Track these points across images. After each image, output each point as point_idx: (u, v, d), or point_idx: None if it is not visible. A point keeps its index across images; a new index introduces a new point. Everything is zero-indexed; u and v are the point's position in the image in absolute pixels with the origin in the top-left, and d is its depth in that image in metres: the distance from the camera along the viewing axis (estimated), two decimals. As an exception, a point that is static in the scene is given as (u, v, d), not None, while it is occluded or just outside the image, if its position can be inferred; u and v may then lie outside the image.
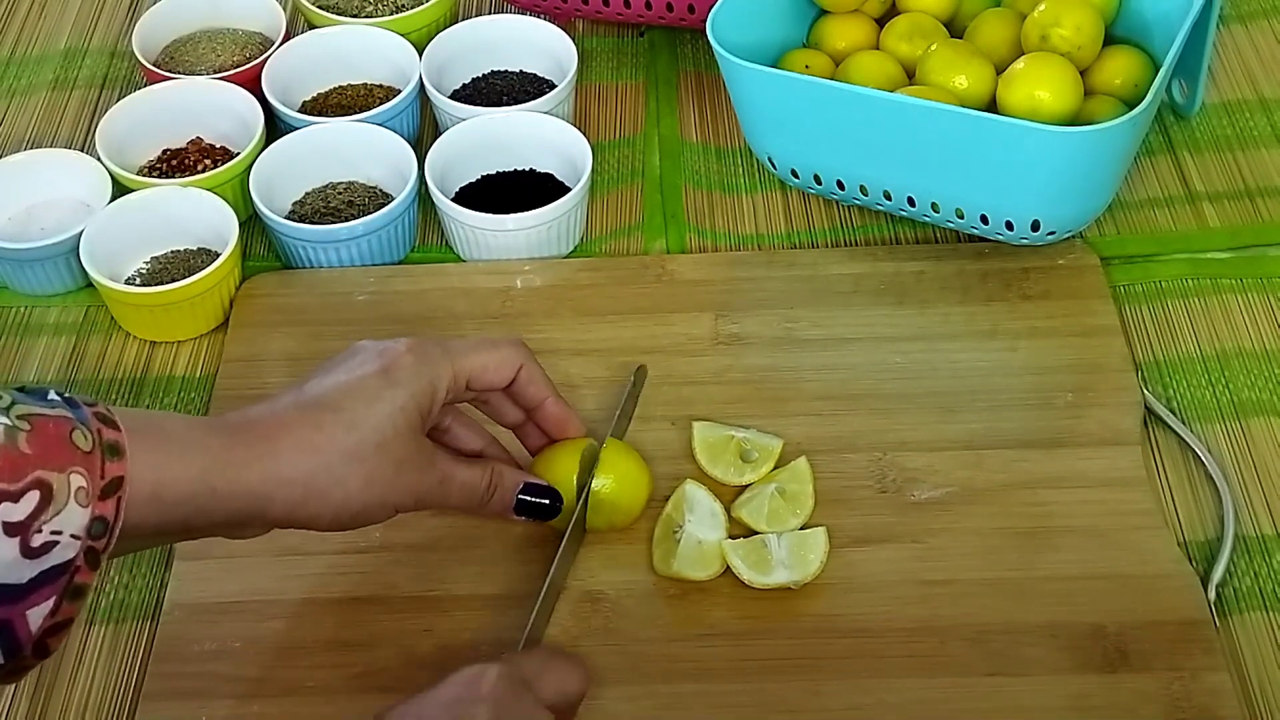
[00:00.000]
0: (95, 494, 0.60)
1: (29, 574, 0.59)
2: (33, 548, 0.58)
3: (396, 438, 0.71)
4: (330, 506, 0.69)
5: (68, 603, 0.60)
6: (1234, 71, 1.09)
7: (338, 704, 0.75)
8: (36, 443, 0.59)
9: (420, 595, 0.80)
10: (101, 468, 0.61)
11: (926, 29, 1.00)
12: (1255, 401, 0.88)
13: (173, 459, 0.64)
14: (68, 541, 0.59)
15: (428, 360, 0.73)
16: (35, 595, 0.59)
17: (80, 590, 0.61)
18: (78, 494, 0.60)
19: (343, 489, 0.69)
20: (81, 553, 0.60)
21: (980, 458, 0.84)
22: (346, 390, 0.71)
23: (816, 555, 0.78)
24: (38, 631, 0.60)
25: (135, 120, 1.03)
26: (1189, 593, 0.77)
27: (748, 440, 0.84)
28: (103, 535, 0.61)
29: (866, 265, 0.95)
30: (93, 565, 0.61)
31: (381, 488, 0.71)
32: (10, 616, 0.59)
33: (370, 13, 1.11)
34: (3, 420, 0.59)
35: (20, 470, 0.58)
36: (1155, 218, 0.99)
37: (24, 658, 0.61)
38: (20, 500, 0.58)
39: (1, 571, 0.58)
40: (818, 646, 0.76)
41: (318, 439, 0.69)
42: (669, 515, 0.80)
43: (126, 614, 0.81)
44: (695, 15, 1.07)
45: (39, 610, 0.60)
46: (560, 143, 1.00)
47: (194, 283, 0.92)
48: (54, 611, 0.60)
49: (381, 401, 0.70)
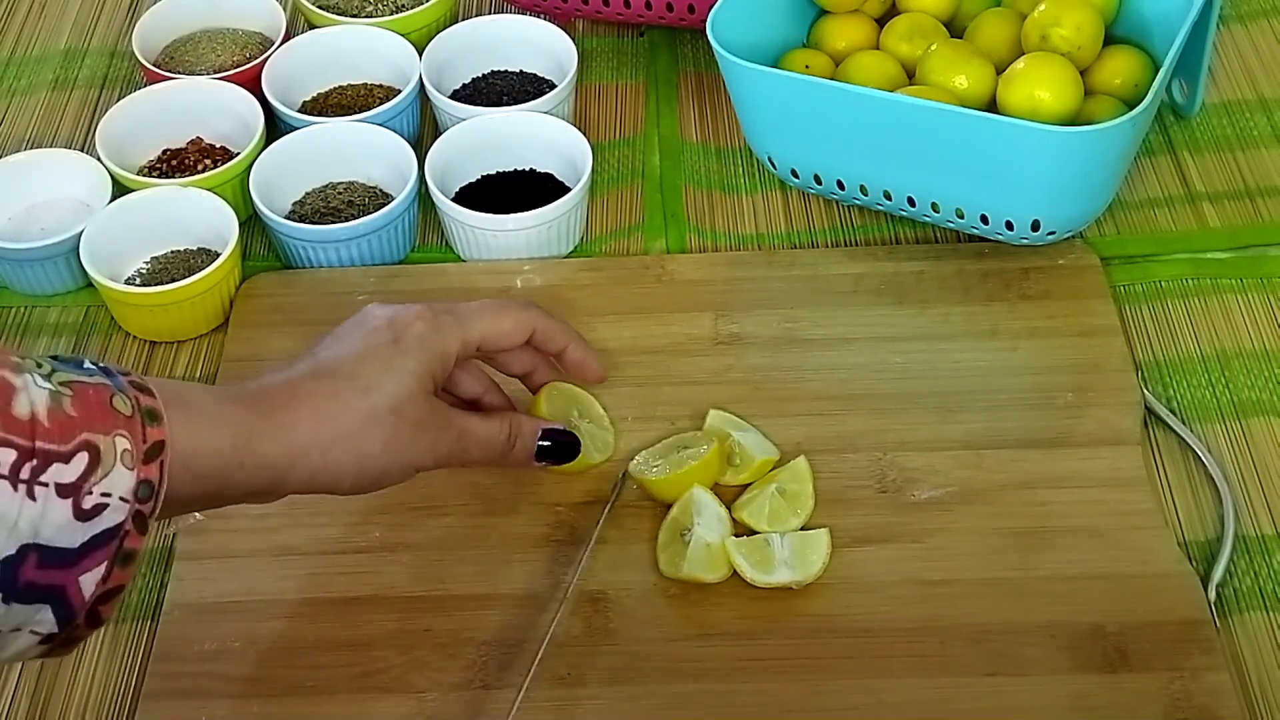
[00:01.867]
0: (139, 457, 0.61)
1: (81, 538, 0.59)
2: (85, 510, 0.59)
3: (410, 401, 0.72)
4: (349, 472, 0.71)
5: (119, 568, 0.61)
6: (1234, 71, 1.09)
7: (338, 704, 0.75)
8: (80, 406, 0.60)
9: (420, 595, 0.80)
10: (143, 432, 0.62)
11: (926, 29, 1.00)
12: (1255, 401, 0.88)
13: (203, 430, 0.66)
14: (117, 504, 0.60)
15: (438, 329, 0.75)
16: (88, 560, 0.60)
17: (130, 556, 0.61)
18: (123, 456, 0.60)
19: (359, 454, 0.71)
20: (130, 516, 0.60)
21: (980, 458, 0.84)
22: (360, 358, 0.72)
23: (819, 556, 0.78)
24: (90, 598, 0.60)
25: (135, 120, 1.03)
26: (1189, 593, 0.77)
27: (740, 444, 0.84)
28: (149, 499, 0.61)
29: (866, 265, 0.95)
30: (141, 530, 0.61)
31: (399, 449, 0.72)
32: (64, 582, 0.59)
33: (370, 13, 1.11)
34: (46, 385, 0.59)
35: (69, 432, 0.59)
36: (1155, 218, 0.99)
37: (76, 626, 0.61)
38: (71, 462, 0.58)
39: (55, 534, 0.58)
40: (818, 646, 0.76)
41: (334, 407, 0.70)
42: (675, 519, 0.80)
43: (126, 614, 0.81)
44: (695, 15, 1.07)
45: (91, 576, 0.60)
46: (560, 143, 1.00)
47: (194, 283, 0.92)
48: (105, 578, 0.60)
49: (394, 369, 0.72)
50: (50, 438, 0.58)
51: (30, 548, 0.58)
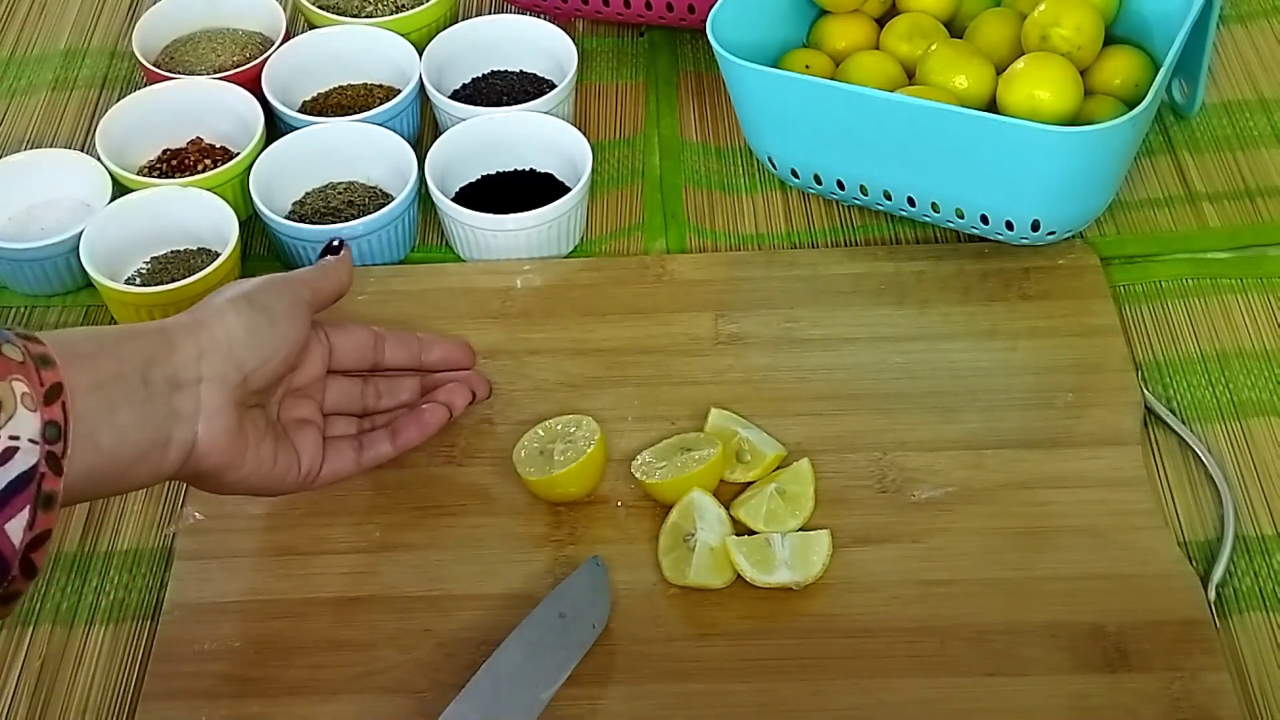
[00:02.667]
0: (40, 400, 0.62)
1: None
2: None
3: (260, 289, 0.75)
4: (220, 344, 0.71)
5: (42, 512, 0.61)
6: (1234, 71, 1.09)
7: (338, 704, 0.75)
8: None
9: (420, 595, 0.80)
10: (39, 375, 0.62)
11: (926, 29, 1.00)
12: (1255, 401, 0.88)
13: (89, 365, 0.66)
14: (27, 446, 0.61)
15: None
16: (9, 507, 0.60)
17: (50, 499, 0.62)
18: (24, 399, 0.61)
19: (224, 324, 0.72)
20: (43, 458, 0.61)
21: (980, 458, 0.84)
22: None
23: (819, 557, 0.78)
24: (20, 545, 0.61)
25: (135, 120, 1.03)
26: (1189, 593, 0.77)
27: (748, 440, 0.84)
28: (57, 439, 0.62)
29: (866, 265, 0.95)
30: (56, 471, 0.62)
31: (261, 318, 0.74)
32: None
33: (370, 13, 1.11)
34: None
35: None
36: (1155, 218, 0.99)
37: (12, 578, 0.61)
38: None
39: None
40: (818, 646, 0.76)
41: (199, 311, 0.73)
42: (676, 523, 0.80)
43: (126, 614, 0.81)
44: (695, 15, 1.07)
45: (17, 522, 0.60)
46: (560, 143, 1.00)
47: (194, 283, 0.92)
48: (31, 524, 0.61)
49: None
50: None
51: None
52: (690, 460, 0.82)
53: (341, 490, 0.83)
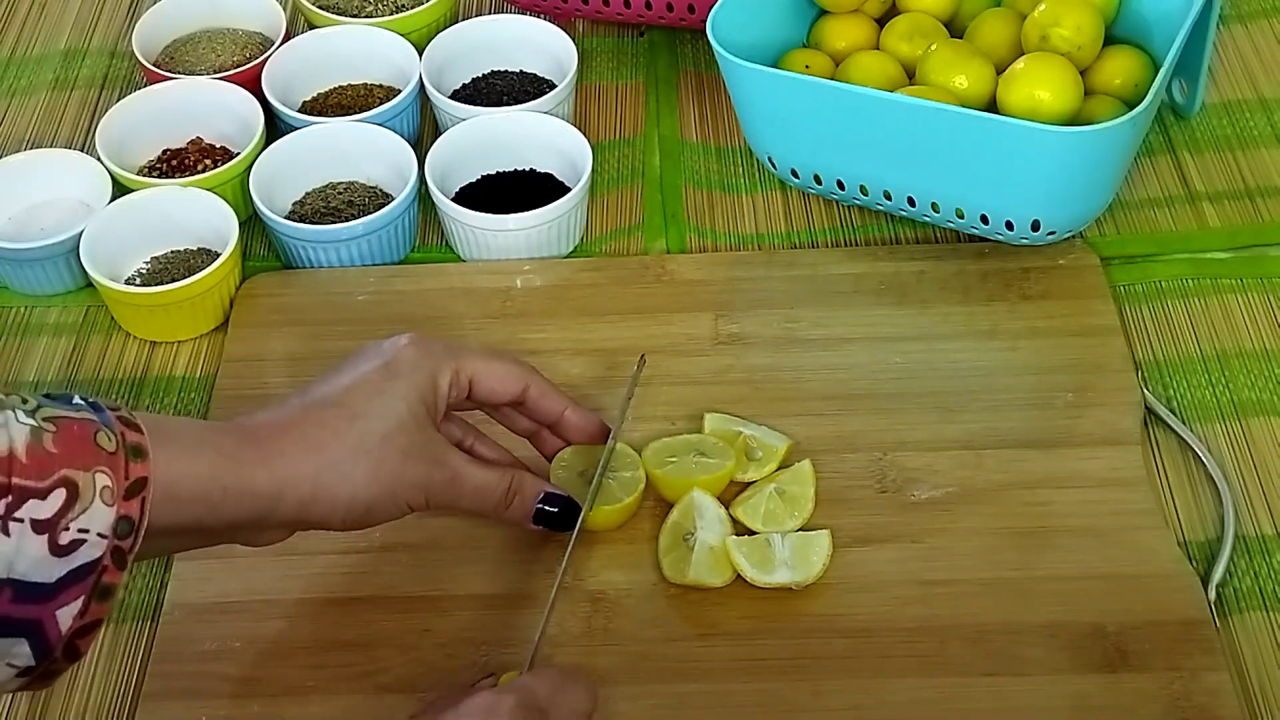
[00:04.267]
0: (120, 494, 0.61)
1: (58, 573, 0.59)
2: (61, 545, 0.59)
3: (400, 429, 0.71)
4: (339, 503, 0.70)
5: (96, 603, 0.61)
6: (1234, 71, 1.09)
7: (338, 704, 0.75)
8: (62, 443, 0.60)
9: (420, 595, 0.80)
10: (126, 468, 0.61)
11: (926, 29, 1.00)
12: (1255, 401, 0.88)
13: (184, 456, 0.65)
14: (94, 540, 0.60)
15: (429, 354, 0.74)
16: (64, 594, 0.60)
17: (108, 590, 0.61)
18: (103, 493, 0.60)
19: (350, 484, 0.69)
20: (108, 552, 0.60)
21: (980, 458, 0.84)
22: (349, 387, 0.71)
23: (819, 558, 0.78)
24: (68, 632, 0.60)
25: (135, 120, 1.03)
26: (1189, 593, 0.77)
27: (754, 438, 0.84)
28: (129, 534, 0.61)
29: (866, 265, 0.95)
30: (120, 565, 0.61)
31: (388, 480, 0.71)
32: (40, 616, 0.59)
33: (370, 13, 1.11)
34: (29, 421, 0.60)
35: (47, 468, 0.59)
36: (1155, 218, 0.99)
37: (54, 660, 0.61)
38: (48, 498, 0.58)
39: (31, 569, 0.58)
40: (818, 646, 0.76)
41: (322, 435, 0.69)
42: (676, 523, 0.80)
43: (126, 614, 0.81)
44: (695, 15, 1.07)
45: (68, 610, 0.60)
46: (560, 143, 1.00)
47: (194, 283, 0.92)
48: (83, 612, 0.60)
49: (383, 394, 0.71)
50: (27, 474, 0.58)
51: (4, 582, 0.58)
52: (702, 464, 0.82)
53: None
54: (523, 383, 0.78)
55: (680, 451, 0.83)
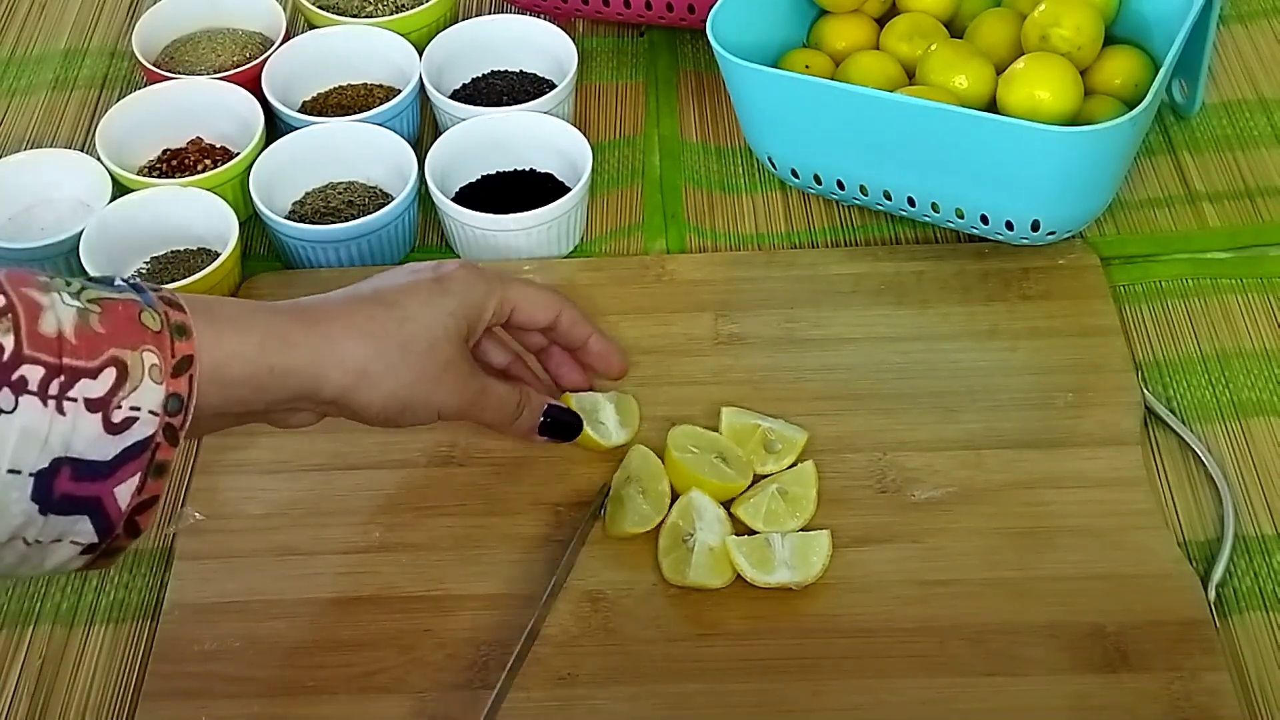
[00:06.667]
0: (168, 371, 0.62)
1: (113, 450, 0.61)
2: (114, 423, 0.61)
3: (446, 340, 0.74)
4: (380, 394, 0.72)
5: (152, 479, 0.62)
6: (1234, 71, 1.09)
7: (338, 704, 0.75)
8: (108, 323, 0.61)
9: (420, 595, 0.80)
10: (171, 346, 0.63)
11: (926, 29, 1.00)
12: (1255, 401, 0.88)
13: (232, 336, 0.67)
14: (146, 417, 0.61)
15: (480, 278, 0.78)
16: (121, 471, 0.61)
17: (162, 467, 0.63)
18: (151, 371, 0.62)
19: (394, 378, 0.72)
20: (161, 429, 0.62)
21: (980, 458, 0.84)
22: (401, 290, 0.74)
23: (819, 558, 0.78)
24: (127, 509, 0.62)
25: (135, 120, 1.03)
26: (1189, 593, 0.77)
27: (773, 430, 0.84)
28: (179, 411, 0.63)
29: (866, 265, 0.95)
30: (172, 441, 0.63)
31: (427, 385, 0.74)
32: (99, 493, 0.61)
33: (370, 13, 1.11)
34: (74, 304, 0.61)
35: (96, 348, 0.60)
36: (1155, 218, 0.99)
37: (116, 536, 0.63)
38: (98, 377, 0.60)
39: (87, 448, 0.60)
40: (818, 646, 0.76)
41: (373, 328, 0.72)
42: (675, 524, 0.80)
43: (126, 614, 0.81)
44: (695, 15, 1.07)
45: (126, 487, 0.62)
46: (560, 143, 1.00)
47: (194, 283, 0.92)
48: (140, 488, 0.62)
49: (433, 306, 0.74)
50: (77, 354, 0.60)
51: (63, 461, 0.60)
52: (717, 469, 0.82)
53: (341, 490, 0.83)
54: (556, 310, 0.82)
55: (704, 447, 0.83)
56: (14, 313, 0.59)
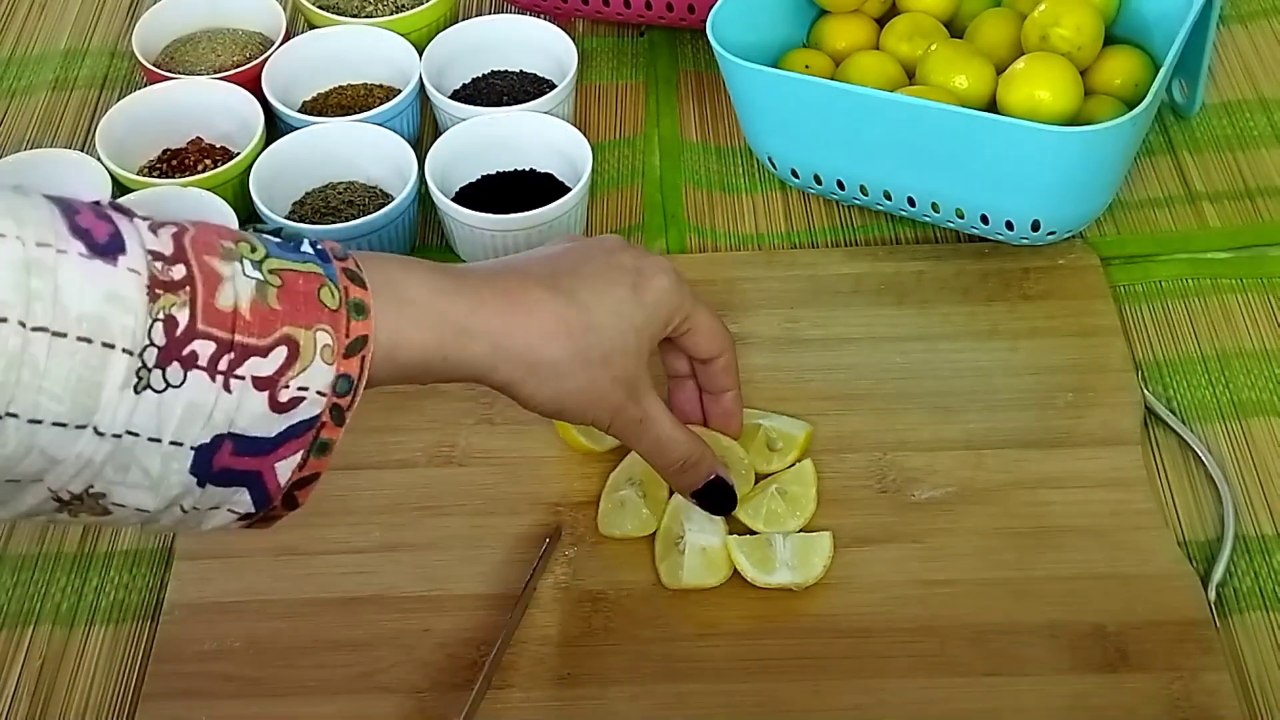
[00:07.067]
0: (340, 352, 0.61)
1: (277, 428, 0.60)
2: (280, 403, 0.60)
3: (623, 355, 0.72)
4: (542, 394, 0.70)
5: (314, 457, 0.62)
6: (1234, 71, 1.09)
7: (338, 704, 0.75)
8: (286, 299, 0.60)
9: (420, 595, 0.80)
10: (347, 326, 0.62)
11: (926, 29, 1.00)
12: (1255, 401, 0.88)
13: (411, 326, 0.65)
14: (313, 398, 0.61)
15: (678, 292, 0.75)
16: (283, 449, 0.61)
17: (326, 445, 0.62)
18: (323, 351, 0.61)
19: (559, 383, 0.70)
20: (327, 409, 0.61)
21: (980, 458, 0.84)
22: (597, 291, 0.72)
23: (820, 559, 0.78)
24: (286, 484, 0.62)
25: (135, 120, 1.03)
26: (1189, 593, 0.77)
27: (773, 429, 0.84)
28: (347, 393, 0.62)
29: (866, 265, 0.95)
30: (338, 421, 0.62)
31: (593, 396, 0.71)
32: (260, 468, 0.61)
33: (370, 13, 1.11)
34: (256, 275, 0.60)
35: (270, 326, 0.59)
36: (1155, 218, 0.99)
37: (274, 508, 0.62)
38: (269, 355, 0.59)
39: (251, 425, 0.59)
40: (818, 646, 0.76)
41: (556, 330, 0.70)
42: (667, 528, 0.80)
43: (126, 614, 0.81)
44: (695, 15, 1.07)
45: (287, 464, 0.61)
46: (560, 143, 1.00)
47: (194, 283, 0.92)
48: (302, 465, 0.62)
49: (622, 317, 0.72)
50: (250, 331, 0.59)
51: (225, 436, 0.59)
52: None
53: (341, 490, 0.83)
54: (723, 349, 0.79)
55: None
56: (192, 285, 0.58)
